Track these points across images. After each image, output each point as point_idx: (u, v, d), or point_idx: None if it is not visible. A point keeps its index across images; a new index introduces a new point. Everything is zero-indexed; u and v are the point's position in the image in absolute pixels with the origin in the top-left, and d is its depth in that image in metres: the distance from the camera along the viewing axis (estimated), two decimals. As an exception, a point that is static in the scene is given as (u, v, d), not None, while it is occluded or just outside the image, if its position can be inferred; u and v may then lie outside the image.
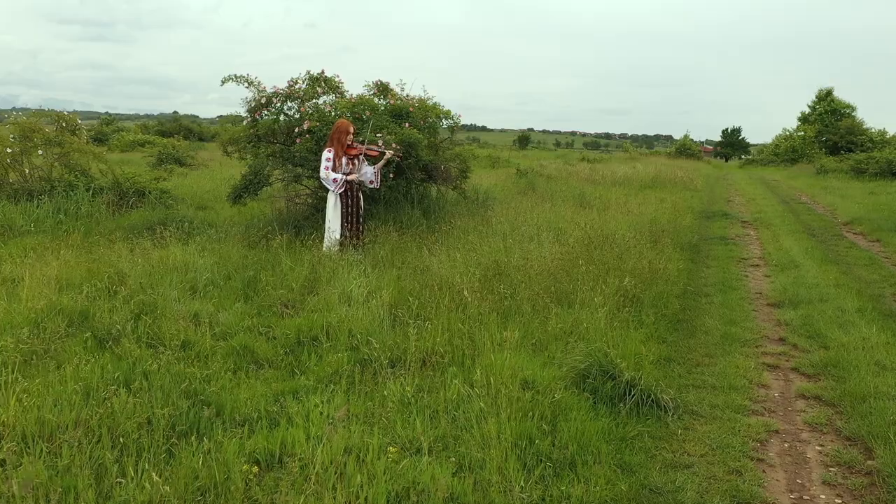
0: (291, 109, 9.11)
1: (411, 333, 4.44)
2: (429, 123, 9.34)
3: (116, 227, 9.78)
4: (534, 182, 15.53)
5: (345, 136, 7.48)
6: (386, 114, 8.90)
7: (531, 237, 7.96)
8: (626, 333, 5.01)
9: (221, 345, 4.62)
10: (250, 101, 8.98)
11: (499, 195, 12.56)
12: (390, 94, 9.40)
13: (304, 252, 7.06)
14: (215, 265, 6.76)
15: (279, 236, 7.85)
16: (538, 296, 5.46)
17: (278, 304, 5.60)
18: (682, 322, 5.80)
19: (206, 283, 6.24)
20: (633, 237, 8.41)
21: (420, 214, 9.27)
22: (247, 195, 9.09)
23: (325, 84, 9.58)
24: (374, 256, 7.05)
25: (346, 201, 7.53)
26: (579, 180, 17.71)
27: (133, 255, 7.33)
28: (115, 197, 11.46)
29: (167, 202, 11.07)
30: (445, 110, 9.64)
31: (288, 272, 6.28)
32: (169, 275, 6.40)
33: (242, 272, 6.50)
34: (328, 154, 7.44)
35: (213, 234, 8.49)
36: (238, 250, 7.44)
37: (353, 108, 8.74)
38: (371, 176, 7.71)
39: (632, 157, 44.11)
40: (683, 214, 11.99)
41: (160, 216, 9.99)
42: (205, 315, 5.30)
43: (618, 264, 6.42)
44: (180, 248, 7.76)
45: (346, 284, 5.75)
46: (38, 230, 9.39)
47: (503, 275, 5.95)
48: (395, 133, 8.38)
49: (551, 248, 7.07)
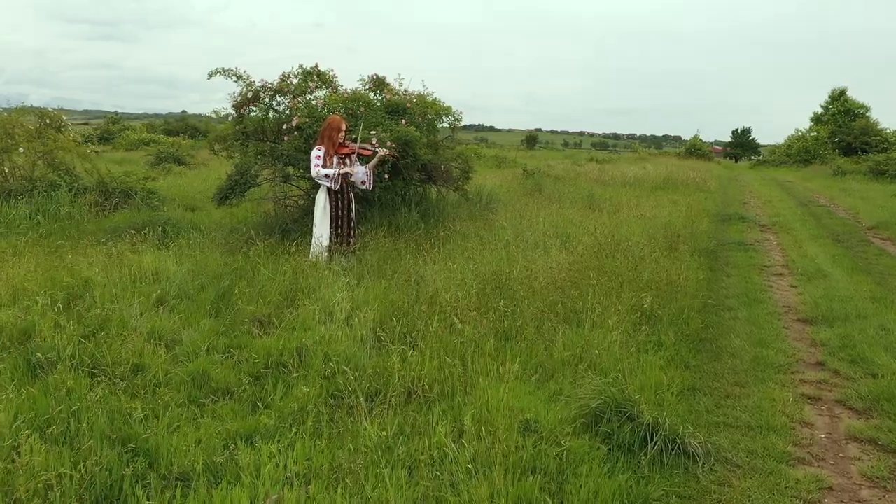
0: (281, 105, 8.52)
1: (394, 361, 3.82)
2: (428, 120, 8.72)
3: (97, 229, 9.23)
4: (541, 183, 14.89)
5: (336, 134, 6.86)
6: (381, 110, 8.29)
7: (536, 244, 7.33)
8: (644, 359, 4.37)
9: (177, 371, 4.00)
10: (236, 95, 8.39)
11: (503, 197, 11.92)
12: (387, 89, 8.78)
13: (288, 259, 6.44)
14: (190, 273, 6.16)
15: (263, 241, 7.26)
16: (543, 314, 4.82)
17: (251, 321, 4.99)
18: (706, 342, 5.16)
19: (177, 294, 5.64)
20: (647, 244, 7.76)
21: (418, 217, 8.64)
22: (232, 196, 8.50)
23: (319, 78, 8.97)
24: (364, 265, 6.43)
25: (336, 203, 6.91)
26: (588, 181, 17.05)
27: (104, 262, 6.75)
28: (100, 197, 10.90)
29: (153, 203, 10.49)
30: (446, 107, 9.02)
31: (266, 283, 5.67)
32: (137, 285, 5.81)
33: (217, 282, 5.90)
34: (317, 152, 6.83)
35: (193, 239, 7.90)
36: (217, 257, 6.84)
37: (347, 103, 8.13)
38: (363, 176, 7.10)
39: (641, 157, 43.36)
40: (699, 218, 11.31)
41: (144, 218, 9.40)
42: (167, 333, 4.70)
43: (632, 276, 5.78)
44: (157, 253, 7.18)
45: (328, 298, 5.13)
46: (11, 232, 8.83)
47: (504, 288, 5.32)
48: (390, 130, 7.77)
49: (558, 257, 6.43)
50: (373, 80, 8.94)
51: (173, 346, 4.47)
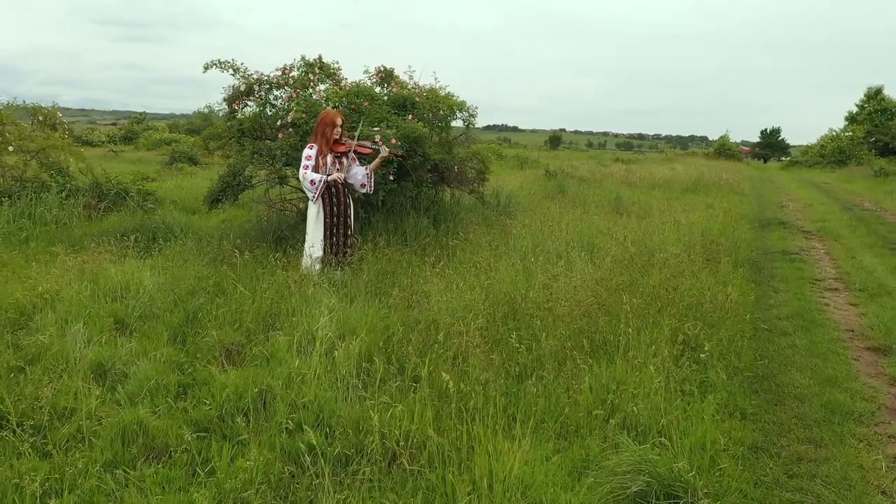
0: (279, 100, 7.77)
1: (373, 416, 3.00)
2: (439, 116, 7.91)
3: (83, 234, 8.54)
4: (564, 185, 13.99)
5: (330, 130, 6.08)
6: (387, 104, 7.49)
7: (559, 255, 6.47)
8: (692, 406, 3.51)
9: (108, 420, 3.23)
10: (230, 88, 7.65)
11: (523, 200, 11.07)
12: (394, 81, 7.99)
13: (276, 272, 5.68)
14: (163, 289, 5.43)
15: (252, 250, 6.50)
16: (565, 346, 3.98)
17: (218, 350, 4.21)
18: (763, 380, 4.27)
19: (141, 314, 4.90)
20: (684, 254, 6.87)
21: (428, 223, 7.83)
22: (224, 199, 7.76)
23: (321, 70, 8.21)
24: (360, 279, 5.64)
25: (331, 209, 6.12)
26: (614, 182, 16.10)
27: (75, 273, 6.04)
28: (94, 199, 10.25)
29: (147, 206, 9.81)
30: (459, 101, 8.19)
31: (243, 302, 4.90)
32: (100, 302, 5.08)
33: (192, 299, 5.15)
34: (309, 151, 6.05)
35: (180, 246, 7.17)
36: (199, 268, 6.09)
37: (348, 97, 7.34)
38: (363, 178, 6.30)
39: (668, 157, 42.19)
40: (737, 223, 10.35)
41: (137, 222, 8.72)
42: (114, 366, 3.95)
43: (671, 296, 4.90)
44: (135, 263, 6.46)
45: (310, 323, 4.34)
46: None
47: (519, 313, 4.48)
48: (396, 127, 6.97)
49: (583, 272, 5.57)
50: (379, 72, 8.15)
51: (116, 385, 3.71)
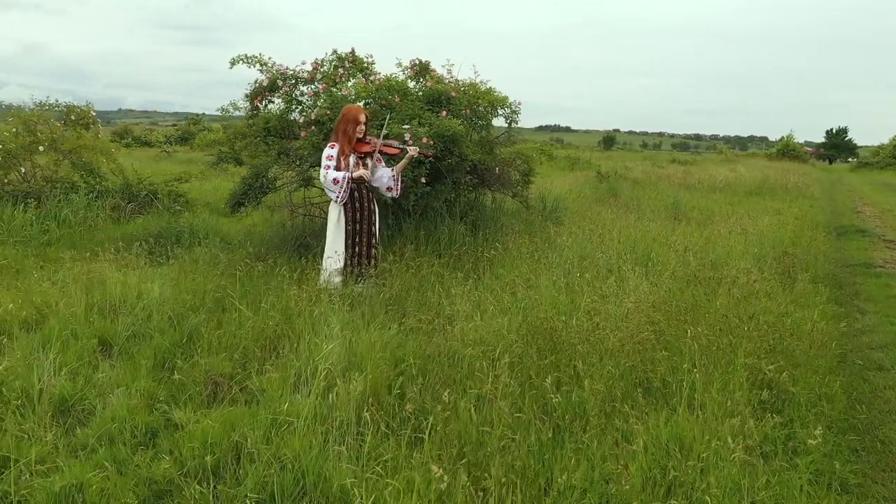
0: (304, 96, 7.20)
1: (359, 495, 2.33)
2: (478, 113, 7.22)
3: (106, 238, 8.16)
4: (616, 187, 13.10)
5: (353, 128, 5.45)
6: (421, 100, 6.84)
7: (609, 269, 5.70)
8: (781, 476, 2.74)
9: (41, 482, 2.65)
10: (253, 84, 7.13)
11: (572, 204, 10.26)
12: (430, 75, 7.33)
13: (291, 285, 5.09)
14: (164, 302, 4.89)
15: (270, 259, 5.94)
16: (613, 391, 3.23)
17: (204, 383, 3.62)
18: (863, 434, 3.44)
19: (131, 335, 4.36)
20: (754, 268, 6.01)
21: (465, 230, 7.15)
22: (247, 202, 7.23)
23: (353, 65, 7.62)
24: (381, 296, 5.00)
25: (353, 214, 5.49)
26: (671, 185, 15.10)
27: (75, 283, 5.59)
28: (124, 201, 9.93)
29: (175, 208, 9.40)
30: (501, 97, 7.48)
31: (243, 323, 4.30)
32: (91, 319, 4.57)
33: (191, 317, 4.59)
34: (330, 151, 5.44)
35: (195, 254, 6.68)
36: (207, 280, 5.55)
37: (377, 92, 6.72)
38: (389, 181, 5.66)
39: (728, 158, 40.45)
40: (811, 232, 9.32)
41: (163, 225, 8.30)
42: (83, 401, 3.39)
43: (745, 326, 4.08)
44: (145, 272, 5.98)
45: (313, 351, 3.70)
46: (14, 241, 7.86)
47: (559, 344, 3.75)
48: (429, 124, 6.31)
49: (637, 292, 4.79)
50: (414, 65, 7.51)
51: (76, 427, 3.14)
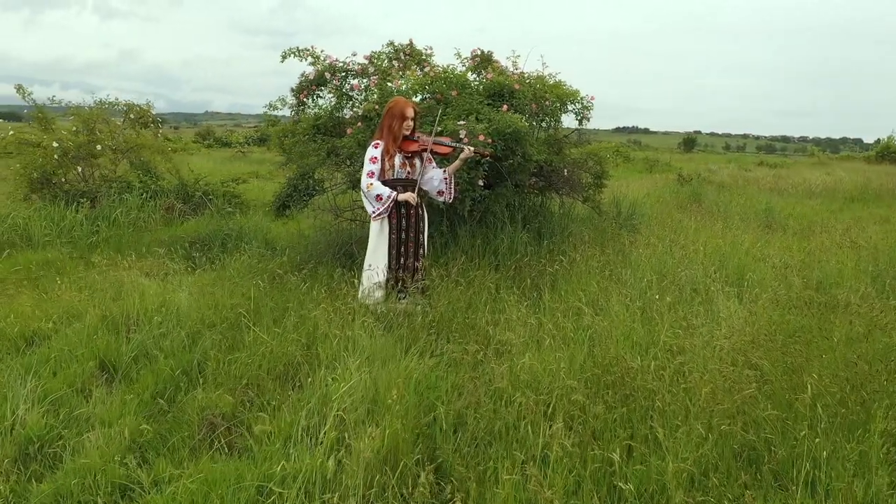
0: (354, 90, 6.62)
1: None
2: (545, 109, 6.45)
3: (153, 240, 7.86)
4: (700, 192, 12.00)
5: (399, 123, 4.81)
6: (479, 93, 6.13)
7: (694, 289, 4.85)
8: None
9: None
10: (300, 78, 6.60)
11: (650, 210, 9.32)
12: (491, 67, 6.62)
13: (324, 300, 4.50)
14: (186, 317, 4.38)
15: (309, 268, 5.39)
16: (704, 466, 2.45)
17: (198, 423, 3.04)
18: None
19: (139, 354, 3.85)
20: (872, 290, 5.01)
21: (528, 238, 6.40)
22: (292, 205, 6.72)
23: (410, 57, 7.02)
24: (425, 315, 4.33)
25: (399, 221, 4.85)
26: (761, 190, 13.82)
27: (99, 292, 5.20)
28: (179, 201, 9.67)
29: (227, 210, 9.04)
30: (571, 90, 6.69)
31: (257, 348, 3.72)
32: (100, 336, 4.09)
33: (207, 336, 4.05)
34: (373, 151, 4.81)
35: (235, 260, 6.21)
36: (239, 290, 5.03)
37: (432, 85, 6.06)
38: (440, 184, 4.99)
39: (820, 161, 37.81)
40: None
41: (213, 228, 7.94)
42: (58, 441, 2.87)
43: (881, 378, 3.17)
44: (178, 280, 5.55)
45: (329, 390, 3.07)
46: (57, 241, 7.64)
47: (633, 392, 2.97)
48: (488, 120, 5.61)
49: (731, 321, 3.94)
50: (475, 57, 6.81)
51: (31, 480, 2.61)
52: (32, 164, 9.03)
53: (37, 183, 9.19)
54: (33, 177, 9.09)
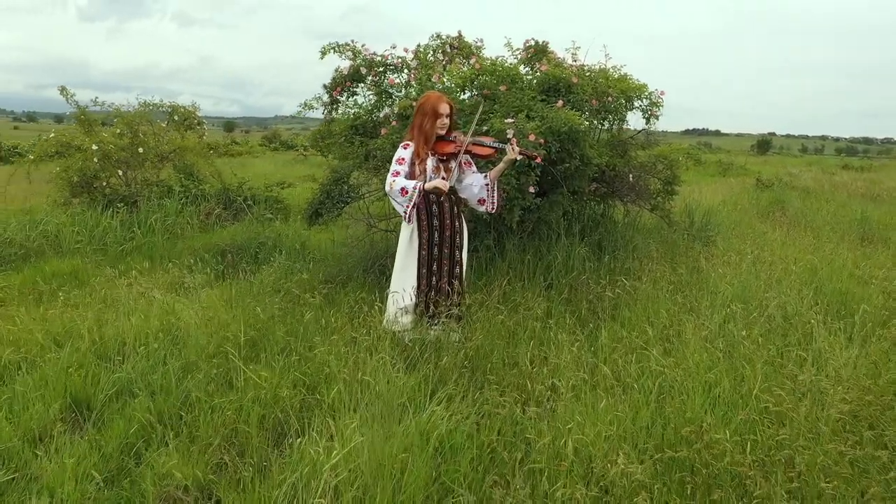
0: (393, 87, 5.99)
1: None
2: (608, 105, 5.66)
3: (186, 248, 7.44)
4: (783, 198, 10.87)
5: (431, 122, 4.13)
6: (532, 88, 5.39)
7: (787, 320, 3.98)
8: None
9: None
10: (334, 73, 6.02)
11: (726, 219, 8.35)
12: (546, 58, 5.86)
13: (345, 327, 3.87)
14: (187, 344, 3.83)
15: (335, 284, 4.78)
16: None
17: (158, 497, 2.42)
18: None
19: (121, 389, 3.30)
20: None
21: (587, 253, 5.62)
22: (324, 213, 6.13)
23: (458, 50, 6.34)
24: (457, 350, 3.63)
25: (430, 234, 4.16)
26: (851, 196, 12.53)
27: (106, 309, 4.72)
28: (220, 206, 9.27)
29: (265, 216, 8.57)
30: (638, 84, 5.87)
31: (250, 390, 3.09)
32: (76, 368, 3.56)
33: (207, 368, 3.46)
34: (402, 152, 4.15)
35: (262, 273, 5.66)
36: (248, 312, 4.46)
37: (477, 78, 5.36)
38: (481, 191, 4.27)
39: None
40: None
41: (250, 235, 7.46)
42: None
43: None
44: (198, 294, 5.04)
45: (317, 463, 2.41)
46: (89, 248, 7.30)
47: (717, 477, 2.19)
48: (540, 117, 4.88)
49: (839, 364, 3.08)
50: (528, 48, 6.08)
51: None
52: (72, 167, 8.78)
53: (77, 187, 8.94)
54: (73, 181, 8.84)
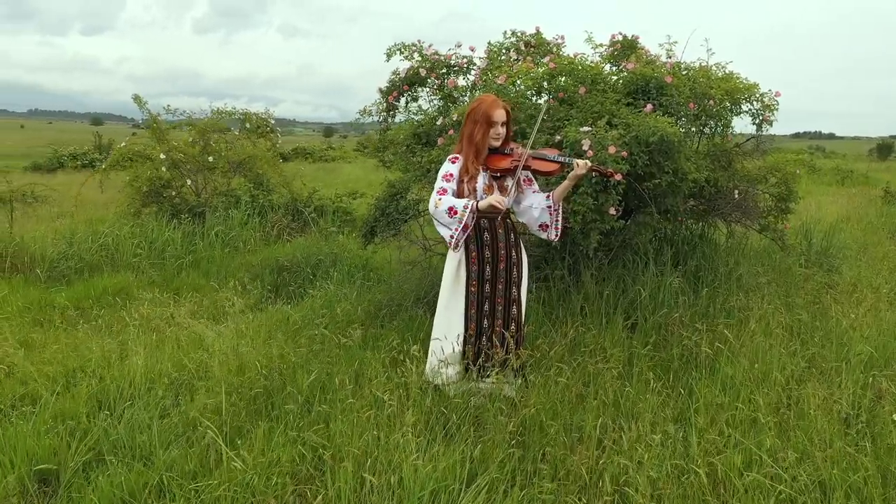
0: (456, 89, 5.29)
1: None
2: (708, 110, 4.73)
3: (243, 264, 7.05)
4: (920, 214, 9.38)
5: (484, 131, 3.40)
6: (616, 90, 4.56)
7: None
8: None
9: None
10: (391, 77, 5.40)
11: (851, 241, 7.14)
12: (635, 55, 5.00)
13: (380, 375, 3.23)
14: (194, 393, 3.28)
15: (383, 316, 4.15)
16: None
17: None
18: None
19: (100, 452, 2.76)
20: None
21: (681, 284, 4.72)
22: (379, 232, 5.50)
23: (534, 48, 5.59)
24: (505, 412, 2.89)
25: (482, 267, 3.43)
26: None
27: (134, 338, 4.29)
28: (289, 218, 8.90)
29: (329, 230, 8.08)
30: (747, 84, 4.92)
31: (237, 473, 2.47)
32: (81, 413, 3.08)
33: (210, 425, 2.89)
34: (449, 166, 3.45)
35: (308, 298, 5.12)
36: (298, 344, 3.89)
37: (550, 79, 4.57)
38: (542, 215, 3.50)
39: None
40: None
41: (308, 251, 6.99)
42: None
43: None
44: (234, 321, 4.56)
45: None
46: (151, 262, 7.02)
47: None
48: (625, 125, 4.05)
49: None
50: (614, 44, 5.24)
51: None
52: (142, 176, 8.62)
53: (147, 196, 8.78)
54: (143, 190, 8.68)
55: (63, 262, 6.69)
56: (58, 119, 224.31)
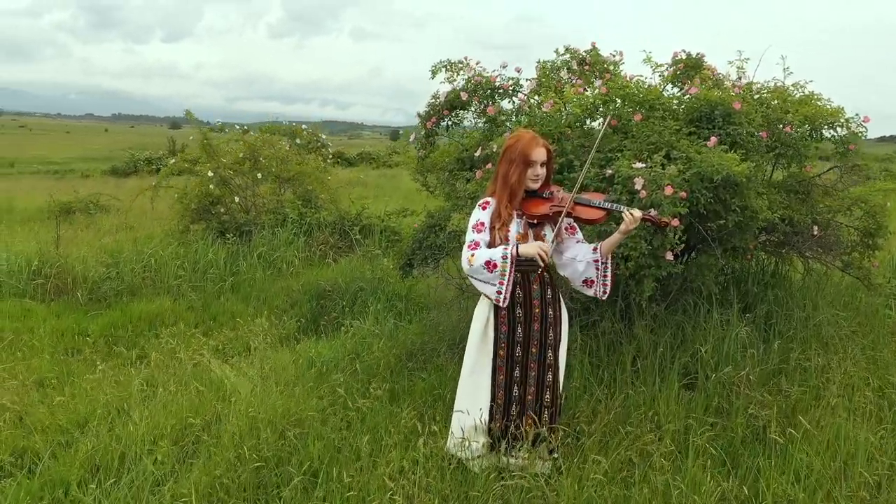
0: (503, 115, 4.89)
1: None
2: (784, 138, 4.17)
3: (283, 288, 6.83)
4: None
5: (519, 171, 2.97)
6: (677, 118, 4.06)
7: None
8: None
9: None
10: (431, 100, 5.04)
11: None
12: (700, 75, 4.48)
13: (399, 446, 2.87)
14: (194, 458, 3.01)
15: (421, 362, 3.80)
16: None
17: None
18: None
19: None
20: None
21: (750, 334, 4.17)
22: (416, 265, 5.15)
23: (589, 66, 5.13)
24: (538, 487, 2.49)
25: (513, 328, 3.01)
26: None
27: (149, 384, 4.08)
28: (336, 237, 8.67)
29: (373, 252, 7.78)
30: (831, 109, 4.33)
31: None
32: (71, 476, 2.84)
33: None
34: (479, 214, 3.04)
35: (343, 333, 4.82)
36: (319, 395, 3.59)
37: (604, 105, 4.12)
38: (587, 269, 3.04)
39: None
40: None
41: (349, 276, 6.74)
42: None
43: None
44: (256, 365, 4.30)
45: None
46: (192, 285, 6.88)
47: None
48: (684, 158, 3.57)
49: None
50: (677, 63, 4.73)
51: None
52: (190, 193, 8.56)
53: (196, 213, 8.72)
54: (191, 207, 8.62)
55: (106, 284, 6.62)
56: (139, 123, 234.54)
